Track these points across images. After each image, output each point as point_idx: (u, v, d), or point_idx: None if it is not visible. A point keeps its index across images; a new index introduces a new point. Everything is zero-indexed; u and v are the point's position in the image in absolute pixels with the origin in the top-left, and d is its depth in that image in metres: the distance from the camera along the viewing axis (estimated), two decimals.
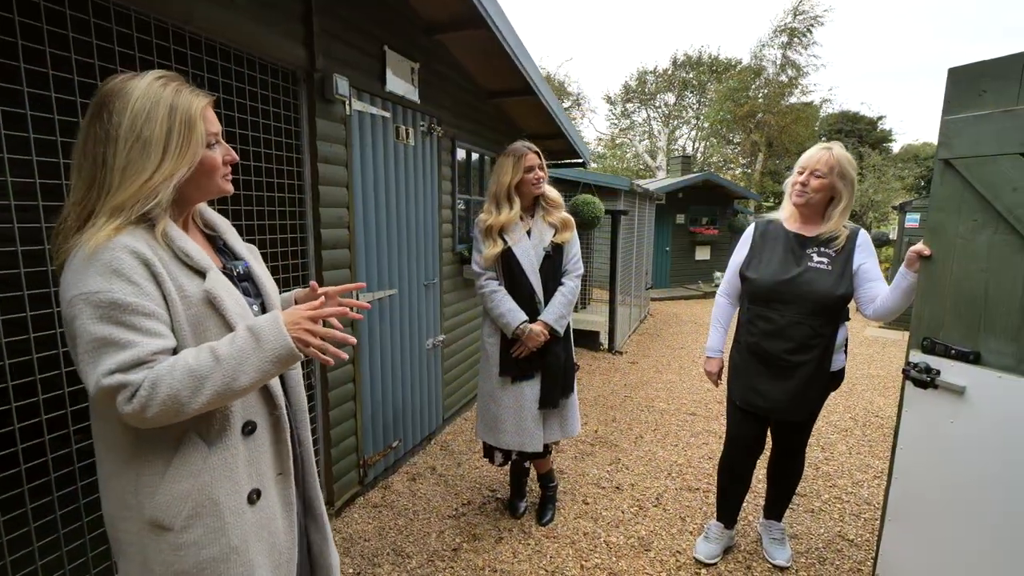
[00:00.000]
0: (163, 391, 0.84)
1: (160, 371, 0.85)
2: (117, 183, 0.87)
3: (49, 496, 1.44)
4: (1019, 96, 1.49)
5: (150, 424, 0.86)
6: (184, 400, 0.85)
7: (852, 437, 3.67)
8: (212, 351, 0.89)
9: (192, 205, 1.03)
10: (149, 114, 0.89)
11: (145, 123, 0.88)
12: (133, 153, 0.88)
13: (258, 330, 0.92)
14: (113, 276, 0.84)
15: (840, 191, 1.94)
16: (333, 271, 2.43)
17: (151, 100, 0.89)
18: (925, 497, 1.74)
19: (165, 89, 0.91)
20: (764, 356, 2.00)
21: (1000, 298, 1.55)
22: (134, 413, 0.83)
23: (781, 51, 18.42)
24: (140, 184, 0.88)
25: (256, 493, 1.02)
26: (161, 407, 0.84)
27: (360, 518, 2.60)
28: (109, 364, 0.82)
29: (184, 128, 0.92)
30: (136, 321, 0.85)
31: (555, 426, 2.40)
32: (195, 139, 0.93)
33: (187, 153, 0.92)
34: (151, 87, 0.90)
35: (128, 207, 0.87)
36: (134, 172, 0.88)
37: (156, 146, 0.89)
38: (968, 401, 1.61)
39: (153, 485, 0.92)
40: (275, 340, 0.91)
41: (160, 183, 0.89)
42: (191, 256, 0.94)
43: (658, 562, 2.28)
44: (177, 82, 0.95)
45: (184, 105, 0.92)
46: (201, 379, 0.86)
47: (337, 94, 2.30)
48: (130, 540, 0.94)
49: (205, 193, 1.02)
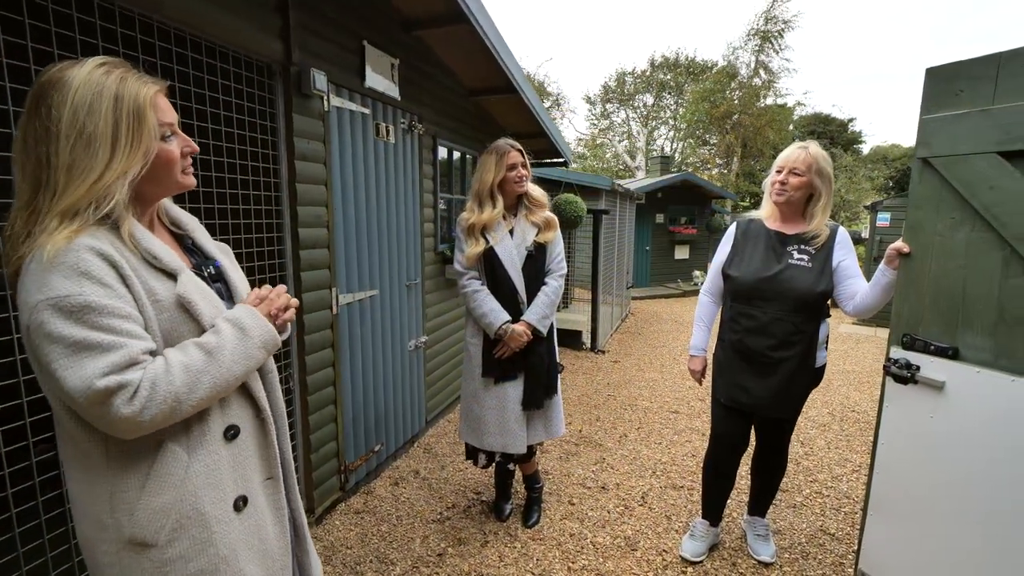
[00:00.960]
0: (163, 390, 0.81)
1: (156, 371, 0.82)
2: (63, 184, 0.80)
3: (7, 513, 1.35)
4: (994, 96, 1.52)
5: (140, 430, 0.81)
6: (183, 398, 0.83)
7: (830, 432, 3.73)
8: (200, 346, 0.87)
9: (154, 202, 0.97)
10: (91, 106, 0.81)
11: (88, 117, 0.81)
12: (77, 150, 0.80)
13: (239, 321, 0.93)
14: (82, 278, 0.78)
15: (818, 188, 1.97)
16: (311, 271, 2.36)
17: (92, 91, 0.82)
18: (906, 491, 1.77)
19: (108, 77, 0.83)
20: (748, 353, 2.01)
21: (977, 294, 1.58)
22: (132, 416, 0.78)
23: (754, 55, 18.79)
24: (90, 184, 0.81)
25: (243, 500, 0.97)
26: (160, 407, 0.81)
27: (342, 525, 2.53)
28: (99, 366, 0.77)
29: (133, 120, 0.84)
30: (115, 323, 0.80)
31: (539, 427, 2.38)
32: (146, 132, 0.86)
33: (139, 148, 0.85)
34: (92, 76, 0.82)
35: (82, 210, 0.81)
36: (81, 171, 0.80)
37: (103, 142, 0.81)
38: (947, 396, 1.63)
39: (130, 502, 0.86)
40: (259, 328, 0.95)
41: (113, 182, 0.82)
42: (159, 258, 0.88)
43: (645, 562, 2.28)
44: (122, 69, 0.86)
45: (130, 94, 0.84)
46: (197, 374, 0.85)
47: (315, 89, 2.23)
48: (110, 562, 0.88)
49: (165, 189, 0.95)
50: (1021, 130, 1.45)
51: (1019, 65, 1.47)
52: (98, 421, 0.80)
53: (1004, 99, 1.50)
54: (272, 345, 0.98)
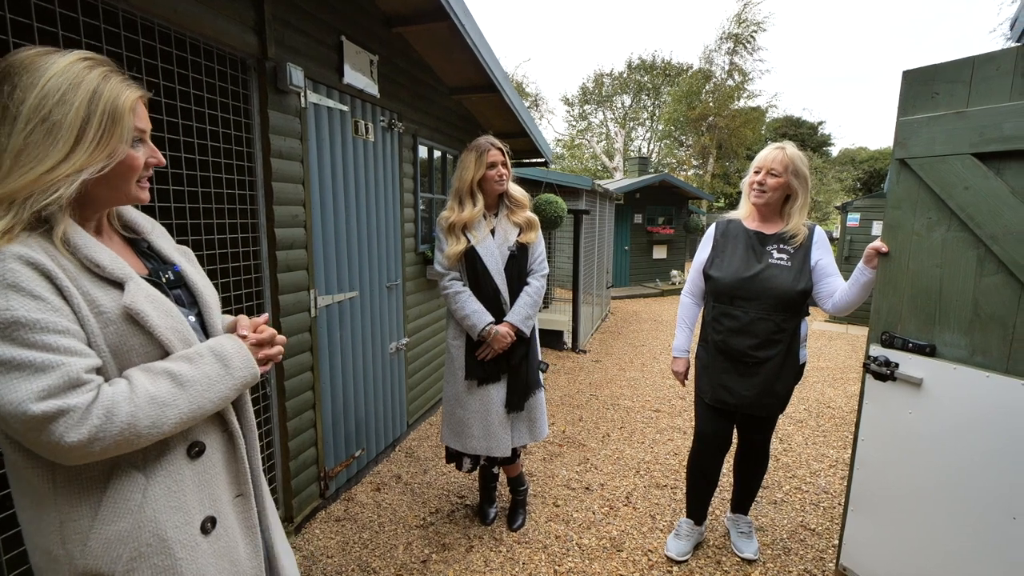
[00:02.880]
0: (120, 421, 0.74)
1: (115, 397, 0.75)
2: (7, 169, 0.74)
3: None
4: (969, 99, 1.56)
5: (89, 458, 0.75)
6: (142, 431, 0.77)
7: (807, 428, 3.81)
8: (172, 376, 0.81)
9: (102, 209, 0.89)
10: (64, 96, 0.76)
11: (57, 105, 0.75)
12: (34, 136, 0.74)
13: (226, 356, 0.88)
14: (9, 291, 0.71)
15: (795, 189, 1.99)
16: (288, 273, 2.29)
17: (69, 81, 0.77)
18: (886, 486, 1.80)
19: (90, 72, 0.79)
20: (730, 353, 2.02)
21: (953, 293, 1.61)
22: (78, 444, 0.72)
23: (728, 56, 19.16)
24: (37, 174, 0.74)
25: (211, 521, 0.91)
26: (115, 439, 0.74)
27: (322, 533, 2.46)
28: (33, 388, 0.70)
29: (107, 118, 0.79)
30: (48, 340, 0.72)
31: (523, 429, 2.35)
32: (119, 133, 0.81)
33: (106, 147, 0.79)
34: (72, 67, 0.78)
35: (19, 200, 0.74)
36: (31, 159, 0.74)
37: (67, 133, 0.76)
38: (925, 392, 1.67)
39: (82, 531, 0.79)
40: (244, 367, 0.91)
41: (63, 177, 0.76)
42: (102, 266, 0.81)
43: (631, 562, 2.27)
44: (106, 67, 0.82)
45: (112, 93, 0.80)
46: (163, 406, 0.79)
47: (291, 85, 2.16)
48: None
49: (116, 197, 0.87)
50: (994, 132, 1.49)
51: (992, 69, 1.51)
52: (39, 448, 0.73)
53: (978, 102, 1.53)
54: (252, 382, 0.94)
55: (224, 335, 0.94)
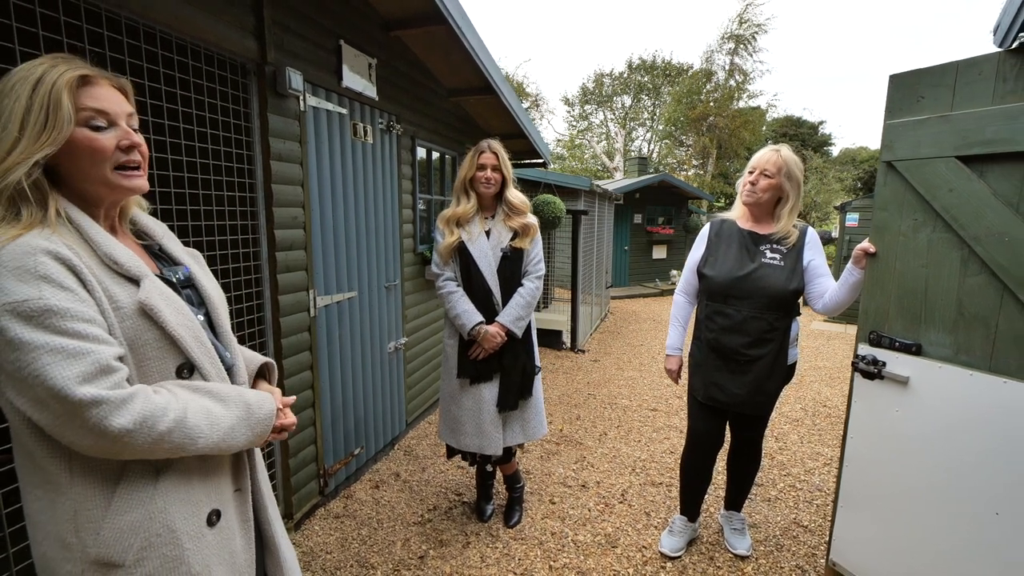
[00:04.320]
0: (168, 419, 0.83)
1: (176, 407, 0.84)
2: None
3: None
4: (953, 102, 1.59)
5: (120, 448, 0.80)
6: (177, 442, 0.85)
7: (803, 427, 3.84)
8: (207, 412, 0.90)
9: (101, 204, 0.91)
10: (13, 89, 0.81)
11: (4, 98, 0.81)
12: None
13: (252, 409, 0.97)
14: (41, 282, 0.75)
15: (787, 192, 2.02)
16: (288, 273, 2.33)
17: (20, 76, 0.82)
18: (875, 483, 1.83)
19: (42, 67, 0.83)
20: (723, 351, 2.05)
21: (938, 293, 1.65)
22: (120, 431, 0.77)
23: (729, 57, 19.17)
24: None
25: (216, 514, 0.95)
26: (147, 440, 0.81)
27: (321, 530, 2.50)
28: (71, 373, 0.75)
29: (47, 101, 0.81)
30: (79, 328, 0.77)
31: (516, 428, 2.37)
32: (61, 116, 0.82)
33: (49, 131, 0.81)
34: (31, 66, 0.83)
35: None
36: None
37: (12, 121, 0.80)
38: (912, 390, 1.70)
39: (95, 521, 0.83)
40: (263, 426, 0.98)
41: (17, 163, 0.79)
42: (120, 262, 0.85)
43: (625, 558, 2.31)
44: (65, 61, 0.85)
45: (50, 79, 0.82)
46: (208, 426, 0.88)
47: (290, 89, 2.20)
48: None
49: (98, 186, 0.88)
50: (977, 135, 1.52)
51: (975, 74, 1.54)
52: (74, 432, 0.76)
53: (962, 106, 1.57)
54: (260, 442, 1.00)
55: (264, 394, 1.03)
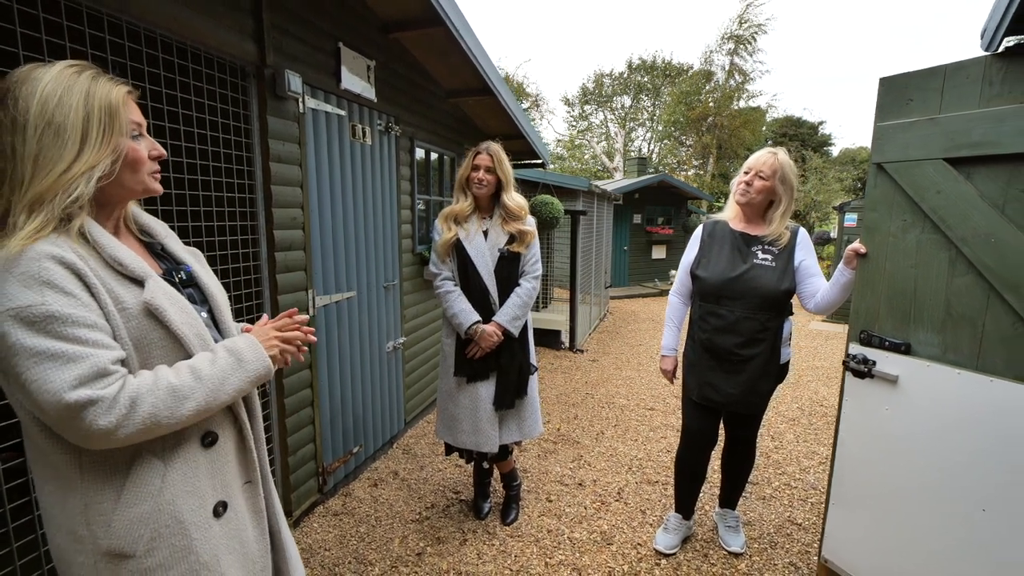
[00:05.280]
0: (144, 410, 0.81)
1: (140, 388, 0.82)
2: (30, 173, 0.80)
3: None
4: (941, 105, 1.62)
5: (113, 444, 0.81)
6: (163, 419, 0.83)
7: (799, 426, 3.86)
8: (192, 370, 0.88)
9: (119, 206, 0.95)
10: (61, 99, 0.82)
11: (57, 108, 0.81)
12: (45, 140, 0.80)
13: (239, 351, 0.95)
14: (44, 288, 0.77)
15: (780, 194, 2.05)
16: (287, 273, 2.36)
17: (63, 86, 0.83)
18: (865, 480, 1.86)
19: (79, 76, 0.85)
20: (716, 351, 2.08)
21: (927, 292, 1.67)
22: (106, 431, 0.78)
23: (729, 57, 19.20)
24: (58, 175, 0.80)
25: (222, 505, 0.97)
26: (139, 427, 0.81)
27: (320, 527, 2.53)
28: (66, 378, 0.76)
29: (104, 114, 0.85)
30: (79, 333, 0.79)
31: (512, 427, 2.41)
32: (118, 127, 0.86)
33: (109, 142, 0.85)
34: (62, 73, 0.84)
35: (48, 201, 0.80)
36: (48, 161, 0.80)
37: (72, 133, 0.82)
38: (901, 389, 1.72)
39: (106, 513, 0.85)
40: (256, 360, 0.97)
41: (80, 175, 0.82)
42: (124, 264, 0.87)
43: (620, 555, 2.33)
44: (93, 71, 0.88)
45: (103, 91, 0.86)
46: (182, 399, 0.85)
47: (290, 91, 2.23)
48: (87, 573, 0.87)
49: (130, 191, 0.93)
50: (964, 138, 1.54)
51: (963, 77, 1.56)
52: (69, 433, 0.79)
53: (949, 109, 1.59)
54: (265, 378, 1.00)
55: (239, 335, 1.01)
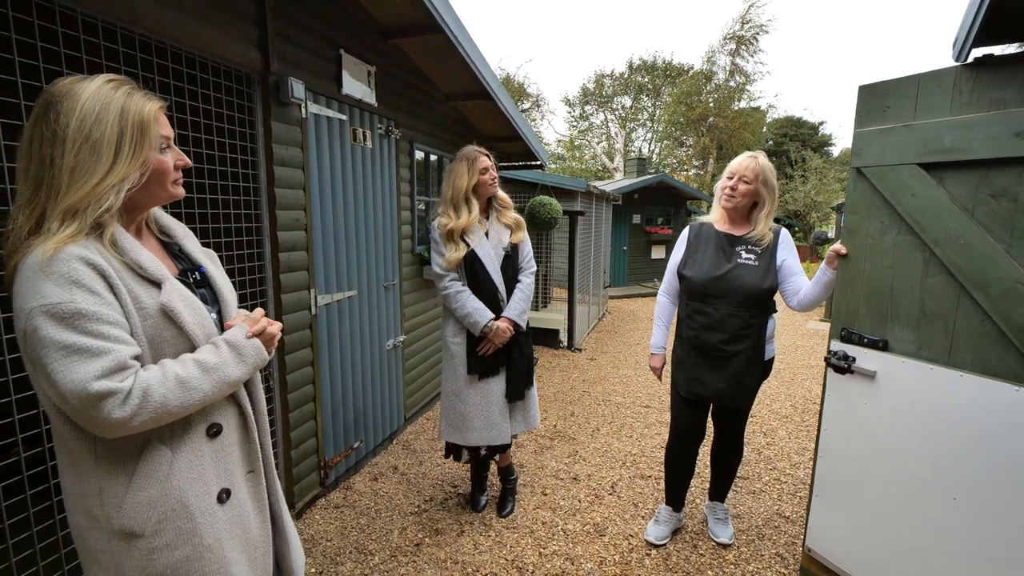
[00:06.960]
0: (155, 400, 0.88)
1: (150, 380, 0.89)
2: (66, 184, 0.87)
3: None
4: (916, 112, 1.69)
5: (126, 432, 0.88)
6: (172, 408, 0.91)
7: (791, 423, 3.93)
8: (197, 362, 0.96)
9: (144, 211, 1.03)
10: (99, 115, 0.88)
11: (95, 124, 0.88)
12: (82, 154, 0.87)
13: (239, 345, 1.03)
14: (73, 287, 0.84)
15: (763, 197, 2.13)
16: (290, 273, 2.44)
17: (101, 102, 0.89)
18: (846, 472, 1.93)
19: (116, 92, 0.91)
20: (703, 348, 2.15)
21: (903, 292, 1.75)
22: (122, 420, 0.85)
23: (730, 58, 19.25)
24: (92, 186, 0.87)
25: (226, 492, 1.04)
26: (151, 415, 0.88)
27: (322, 519, 2.61)
28: (91, 370, 0.82)
29: (136, 131, 0.92)
30: (103, 329, 0.86)
31: (519, 418, 2.51)
32: (148, 142, 0.94)
33: (140, 157, 0.93)
34: (101, 89, 0.90)
35: (81, 210, 0.87)
36: (84, 173, 0.87)
37: (107, 148, 0.89)
38: (878, 384, 1.80)
39: (118, 496, 0.93)
40: (254, 353, 1.05)
41: (111, 187, 0.89)
42: (144, 267, 0.94)
43: (612, 546, 2.41)
44: (129, 86, 0.95)
45: (136, 108, 0.93)
46: (190, 389, 0.93)
47: (293, 97, 2.31)
48: (101, 548, 0.94)
49: (156, 199, 1.02)
50: (937, 144, 1.62)
51: (935, 85, 1.64)
52: (88, 422, 0.86)
53: (923, 116, 1.67)
54: (262, 364, 1.08)
55: (236, 327, 1.08)
